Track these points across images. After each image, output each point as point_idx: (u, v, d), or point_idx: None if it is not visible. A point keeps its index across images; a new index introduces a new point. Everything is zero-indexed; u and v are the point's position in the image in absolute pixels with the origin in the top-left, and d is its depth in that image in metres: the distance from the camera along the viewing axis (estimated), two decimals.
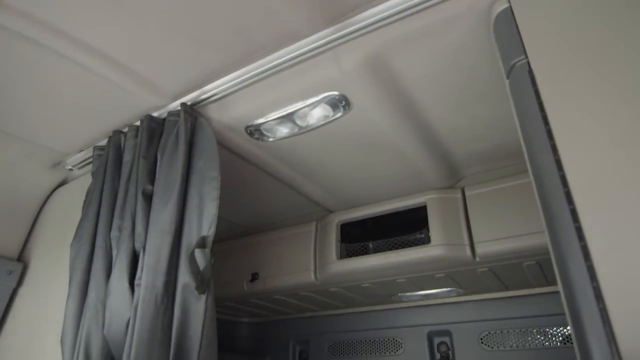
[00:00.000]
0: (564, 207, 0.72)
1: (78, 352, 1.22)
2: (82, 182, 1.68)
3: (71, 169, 1.78)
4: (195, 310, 1.25)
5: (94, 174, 1.55)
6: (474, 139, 1.62)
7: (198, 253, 1.25)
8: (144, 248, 1.25)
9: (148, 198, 1.32)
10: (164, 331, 1.21)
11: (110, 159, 1.50)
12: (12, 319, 1.59)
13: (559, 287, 0.74)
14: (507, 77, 0.96)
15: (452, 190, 1.83)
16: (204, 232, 1.27)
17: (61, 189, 1.87)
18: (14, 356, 1.45)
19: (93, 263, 1.33)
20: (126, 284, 1.23)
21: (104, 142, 1.59)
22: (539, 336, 2.04)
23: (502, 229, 1.64)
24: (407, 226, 1.90)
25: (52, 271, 1.57)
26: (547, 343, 2.01)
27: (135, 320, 1.18)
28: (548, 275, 1.87)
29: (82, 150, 1.71)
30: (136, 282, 1.22)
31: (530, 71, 0.88)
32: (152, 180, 1.35)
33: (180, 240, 1.28)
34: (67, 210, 1.68)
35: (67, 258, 1.39)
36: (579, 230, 0.69)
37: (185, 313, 1.24)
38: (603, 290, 0.64)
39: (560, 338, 1.99)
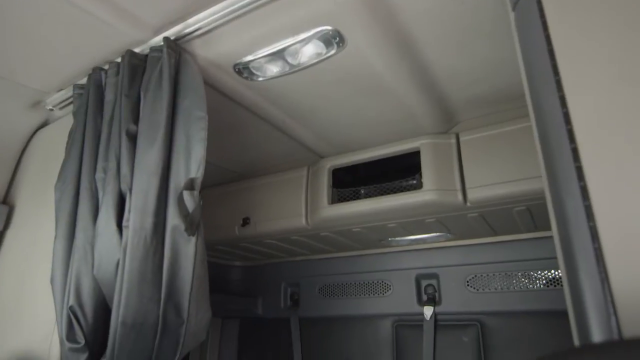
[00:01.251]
0: (565, 146, 0.69)
1: (69, 292, 1.22)
2: (64, 123, 1.61)
3: (52, 109, 1.70)
4: (186, 252, 1.24)
5: (75, 114, 1.48)
6: (472, 82, 1.56)
7: (186, 195, 1.23)
8: (130, 190, 1.22)
9: (132, 138, 1.27)
10: (154, 272, 1.21)
11: (91, 98, 1.43)
12: (1, 261, 1.58)
13: (553, 227, 0.73)
14: (513, 10, 0.90)
15: (447, 135, 1.80)
16: (192, 174, 1.24)
17: (43, 130, 1.80)
18: (5, 297, 1.45)
19: (79, 205, 1.30)
20: (114, 226, 1.21)
21: (84, 81, 1.51)
22: (523, 279, 2.10)
23: (495, 175, 1.63)
24: (400, 172, 1.88)
25: (38, 213, 1.54)
26: (530, 286, 2.07)
27: (124, 261, 1.17)
28: (537, 221, 1.89)
29: (61, 90, 1.63)
30: (124, 223, 1.20)
31: (538, 1, 0.82)
32: (135, 120, 1.29)
33: (168, 182, 1.25)
34: (50, 151, 1.62)
35: (53, 200, 1.36)
36: (579, 170, 0.67)
37: (175, 255, 1.24)
38: (599, 230, 0.63)
39: (544, 281, 2.05)
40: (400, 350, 2.30)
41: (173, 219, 1.22)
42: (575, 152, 0.68)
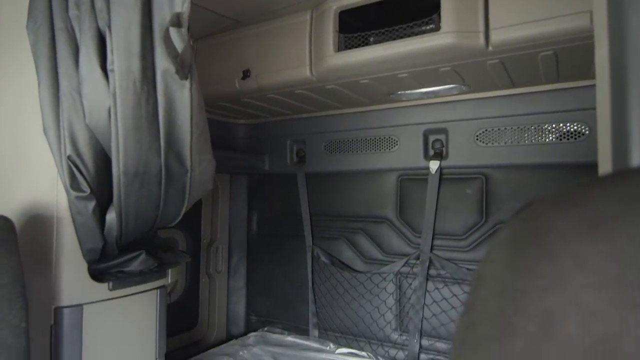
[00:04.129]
0: None
1: (64, 142, 1.17)
2: None
3: None
4: (180, 98, 1.15)
5: None
6: None
7: (174, 32, 1.09)
8: (109, 27, 1.07)
9: None
10: (149, 120, 1.14)
11: None
12: None
13: (602, 49, 0.62)
14: None
15: None
16: (177, 8, 1.08)
17: None
18: (4, 150, 1.42)
19: (56, 48, 1.17)
20: (98, 70, 1.10)
21: None
22: (535, 133, 2.03)
23: (524, 13, 1.44)
24: (415, 14, 1.67)
25: (20, 59, 1.41)
26: (541, 139, 2.02)
27: (116, 108, 1.10)
28: (561, 69, 1.74)
29: None
30: (108, 66, 1.09)
31: None
32: None
33: (151, 19, 1.10)
34: None
35: None
36: None
37: (170, 101, 1.16)
38: None
39: (557, 134, 1.99)
40: (403, 202, 2.37)
41: (162, 61, 1.11)
42: None
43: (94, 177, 1.20)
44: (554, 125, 1.99)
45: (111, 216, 1.23)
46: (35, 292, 1.16)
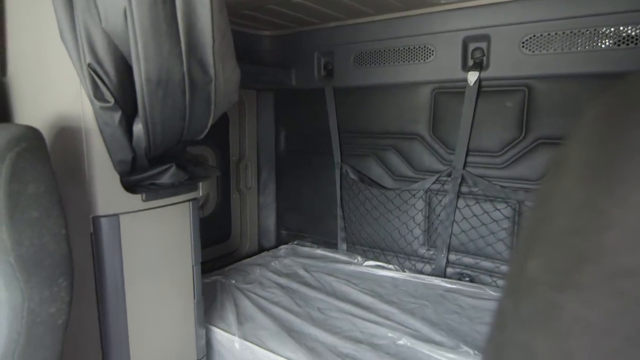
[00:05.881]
0: None
1: (83, 48, 1.12)
2: None
3: None
4: None
5: None
6: None
7: None
8: None
9: None
10: (167, 22, 1.06)
11: None
12: (11, 24, 1.45)
13: None
14: None
15: None
16: None
17: None
18: (27, 61, 1.38)
19: None
20: None
21: None
22: (589, 38, 1.83)
23: None
24: None
25: None
26: (596, 45, 1.82)
27: (131, 9, 1.02)
28: None
29: None
30: None
31: None
32: None
33: None
34: None
35: None
36: None
37: (188, 2, 1.06)
38: None
39: (615, 39, 1.78)
40: (437, 117, 2.26)
41: None
42: None
43: (116, 87, 1.16)
44: (612, 29, 1.78)
45: (138, 127, 1.21)
46: (71, 203, 1.19)
